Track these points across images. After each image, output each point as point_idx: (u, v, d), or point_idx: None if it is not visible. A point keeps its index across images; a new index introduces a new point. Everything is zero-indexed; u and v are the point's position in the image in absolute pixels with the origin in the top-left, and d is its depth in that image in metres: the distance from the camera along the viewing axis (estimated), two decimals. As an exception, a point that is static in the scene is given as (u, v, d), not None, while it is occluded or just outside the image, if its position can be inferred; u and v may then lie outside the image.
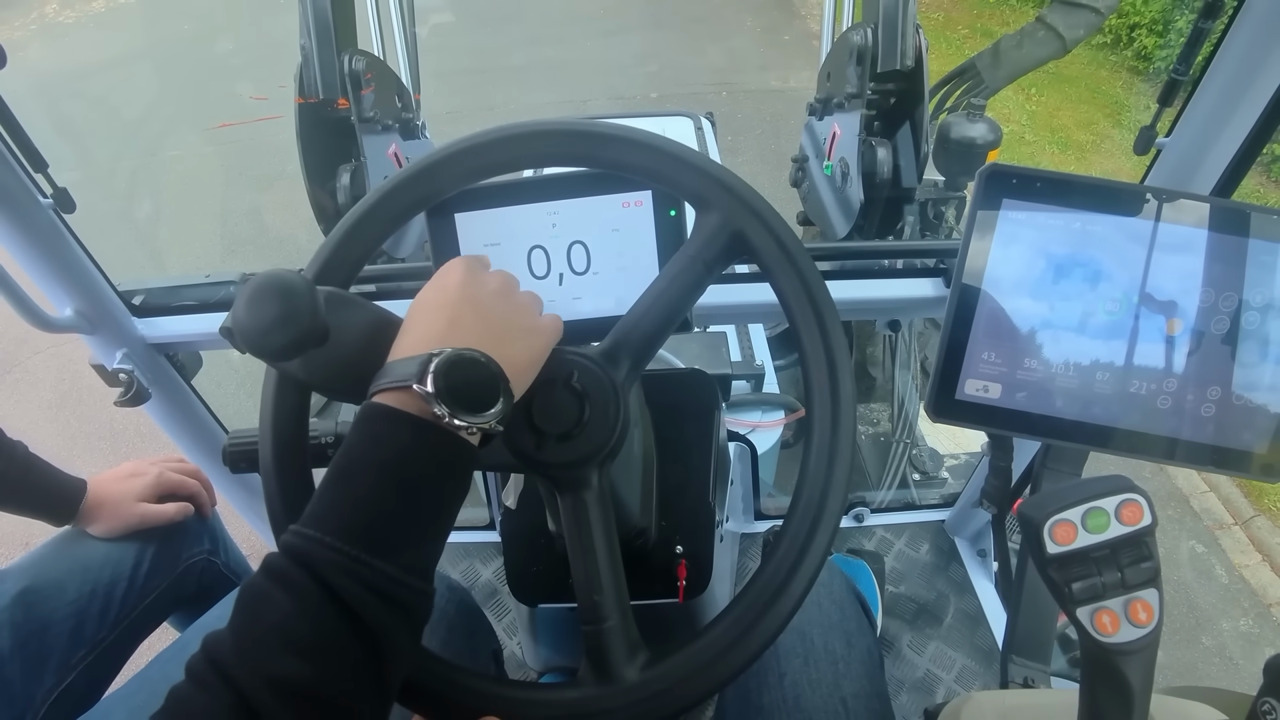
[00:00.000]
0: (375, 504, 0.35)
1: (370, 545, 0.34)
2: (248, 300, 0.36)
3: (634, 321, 0.46)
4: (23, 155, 0.67)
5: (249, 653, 0.32)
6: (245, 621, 0.33)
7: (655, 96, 4.18)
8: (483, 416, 0.36)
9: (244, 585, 0.34)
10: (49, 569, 0.73)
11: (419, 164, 0.49)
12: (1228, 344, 0.60)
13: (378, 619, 0.33)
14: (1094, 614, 0.42)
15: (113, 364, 0.79)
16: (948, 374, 0.63)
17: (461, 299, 0.40)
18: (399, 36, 1.78)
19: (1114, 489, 0.42)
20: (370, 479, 0.35)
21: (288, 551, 0.34)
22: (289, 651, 0.31)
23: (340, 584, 0.32)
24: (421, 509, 0.36)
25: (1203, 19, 0.66)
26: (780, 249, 0.45)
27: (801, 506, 0.43)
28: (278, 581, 0.33)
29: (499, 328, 0.40)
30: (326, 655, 0.32)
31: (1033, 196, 0.61)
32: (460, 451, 0.37)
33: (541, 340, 0.42)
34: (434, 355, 0.36)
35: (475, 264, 0.43)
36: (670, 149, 0.47)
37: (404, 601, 0.34)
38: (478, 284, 0.42)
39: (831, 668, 0.63)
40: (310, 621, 0.32)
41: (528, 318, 0.42)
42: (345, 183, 1.49)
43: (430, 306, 0.41)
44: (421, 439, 0.36)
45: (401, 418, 0.36)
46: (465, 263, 0.43)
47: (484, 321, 0.40)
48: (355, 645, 0.33)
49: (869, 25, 1.52)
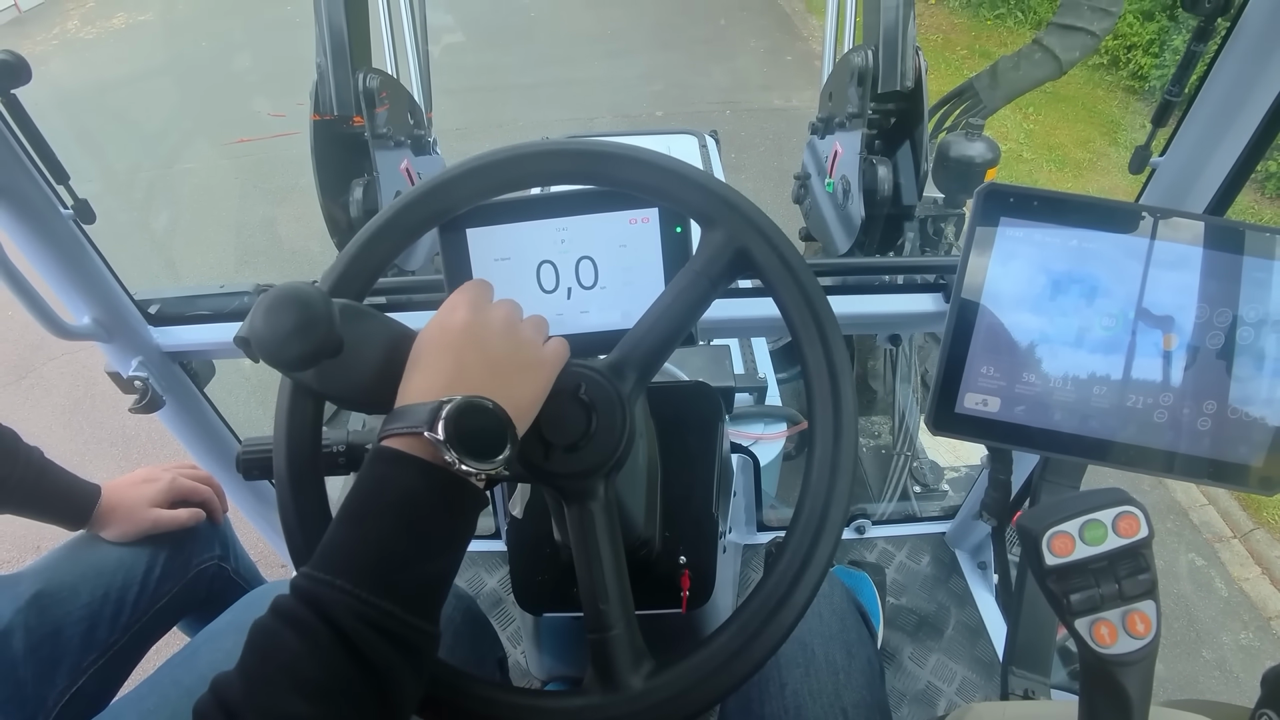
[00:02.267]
0: (384, 545, 0.36)
1: (378, 587, 0.34)
2: (265, 311, 0.37)
3: (640, 335, 0.47)
4: (45, 167, 0.69)
5: (258, 695, 0.32)
6: (255, 662, 0.34)
7: (660, 115, 4.24)
8: (490, 463, 0.37)
9: (254, 626, 0.35)
10: (62, 573, 0.74)
11: (432, 181, 0.50)
12: (1223, 359, 0.61)
13: (384, 659, 0.34)
14: (1092, 625, 0.42)
15: (128, 372, 0.81)
16: (947, 388, 0.64)
17: (466, 340, 0.41)
18: (412, 55, 1.82)
19: (1111, 501, 0.43)
20: (380, 521, 0.36)
21: (298, 593, 0.35)
22: (298, 693, 0.32)
23: (348, 625, 0.33)
24: (429, 551, 0.37)
25: (1195, 42, 0.68)
26: (783, 265, 0.46)
27: (804, 518, 0.43)
28: (287, 622, 0.34)
29: (503, 369, 0.41)
30: (334, 697, 0.33)
31: (1030, 214, 0.62)
32: (468, 495, 0.38)
33: (544, 375, 0.43)
34: (445, 403, 0.37)
35: (479, 299, 0.44)
36: (676, 168, 0.48)
37: (409, 642, 0.35)
38: (482, 323, 0.42)
39: (832, 678, 0.63)
40: (319, 663, 0.33)
41: (531, 352, 0.43)
42: (358, 197, 1.52)
43: (437, 347, 0.42)
44: (431, 483, 0.37)
45: (412, 462, 0.37)
46: (469, 299, 0.44)
47: (489, 364, 0.41)
48: (362, 686, 0.33)
49: (870, 47, 1.55)
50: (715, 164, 2.11)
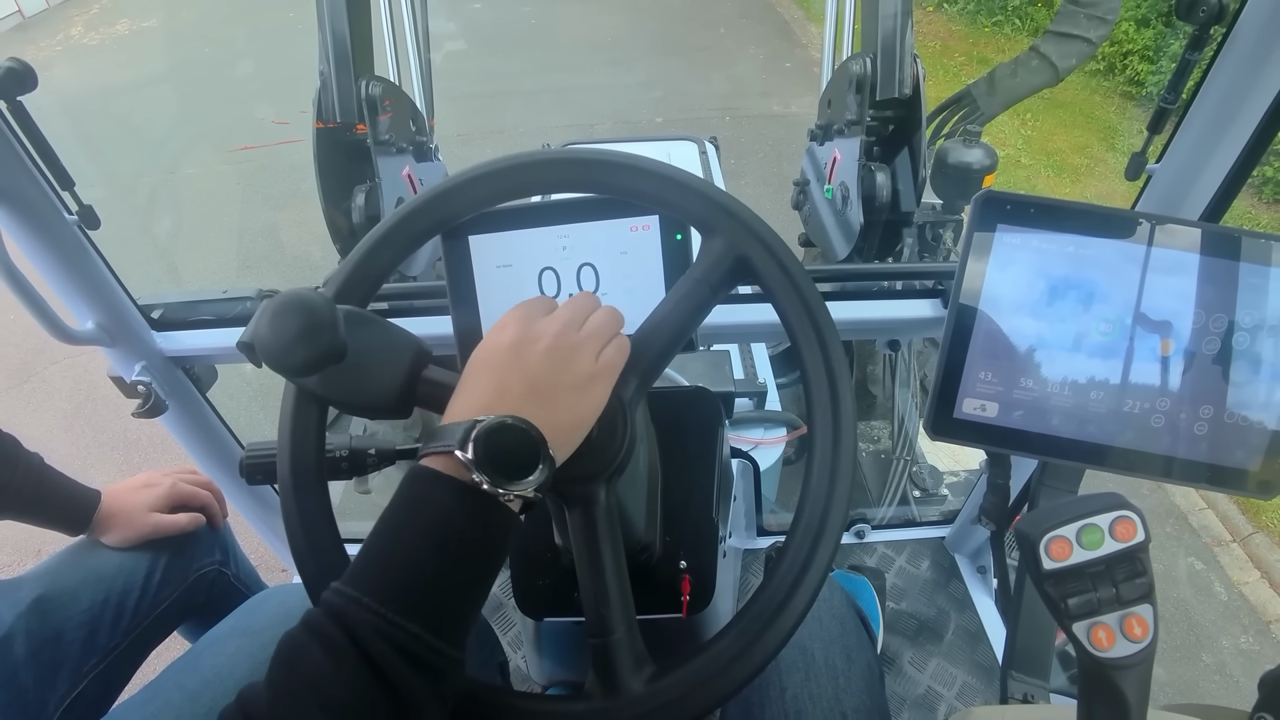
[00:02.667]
0: (414, 567, 0.36)
1: (404, 608, 0.34)
2: (271, 318, 0.38)
3: (641, 341, 0.47)
4: (51, 173, 0.70)
5: (282, 709, 0.32)
6: (281, 676, 0.34)
7: (660, 121, 4.26)
8: (520, 484, 0.37)
9: (284, 638, 0.35)
10: (63, 577, 0.74)
11: (435, 189, 0.50)
12: (1219, 364, 0.61)
13: (406, 683, 0.34)
14: (1090, 629, 0.43)
15: (131, 376, 0.81)
16: (946, 393, 0.64)
17: (510, 362, 0.41)
18: (414, 63, 1.83)
19: (1108, 506, 0.43)
20: (411, 540, 0.36)
21: (327, 609, 0.35)
22: (322, 710, 0.32)
23: (373, 646, 0.33)
24: (459, 573, 0.37)
25: (1190, 50, 0.68)
26: (783, 272, 0.46)
27: (804, 523, 0.44)
28: (316, 637, 0.34)
29: (545, 389, 0.41)
30: (358, 716, 0.33)
31: (1027, 221, 0.63)
32: (499, 517, 0.38)
33: (593, 393, 0.42)
34: (477, 422, 0.37)
35: (529, 317, 0.44)
36: (677, 176, 0.49)
37: (433, 666, 0.35)
38: (528, 342, 0.42)
39: (832, 682, 0.64)
40: (343, 682, 0.33)
41: (579, 369, 0.42)
42: (360, 203, 1.53)
43: (482, 369, 0.42)
44: (462, 503, 0.37)
45: (445, 481, 0.37)
46: (519, 317, 0.43)
47: (530, 384, 0.40)
48: (384, 707, 0.33)
49: (868, 55, 1.56)
50: (715, 170, 2.12)
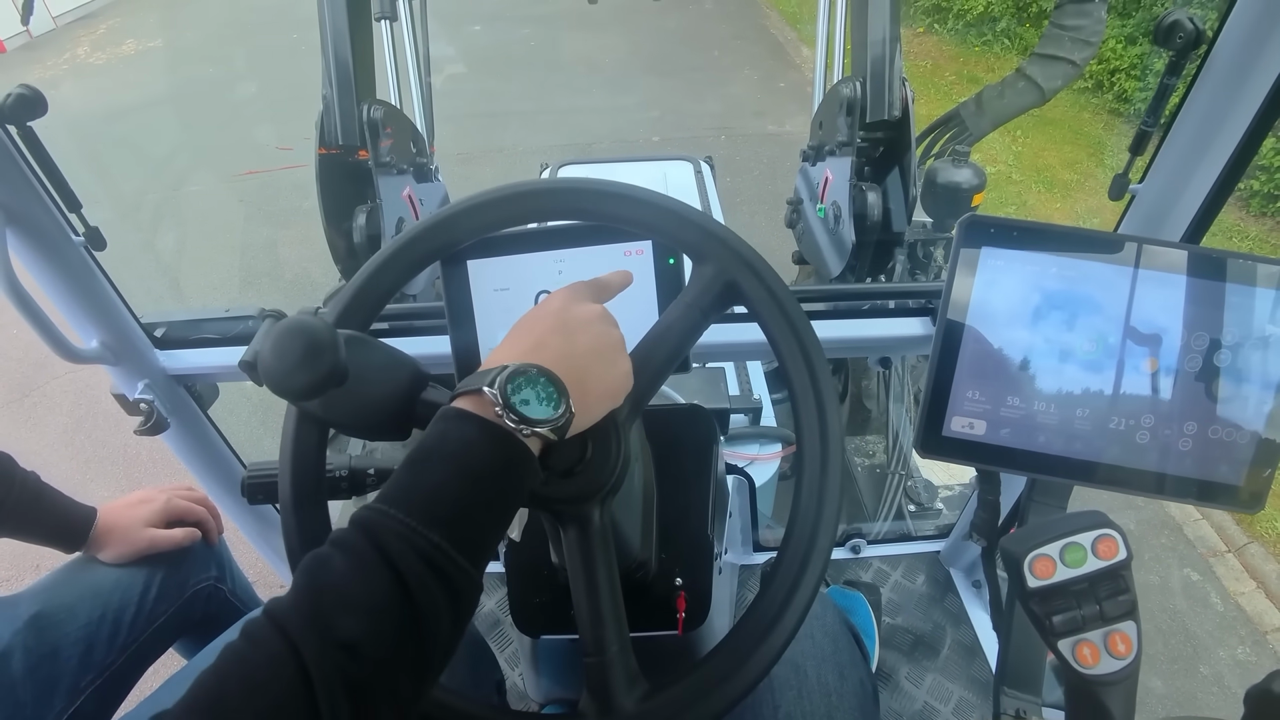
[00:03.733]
0: (439, 489, 0.38)
1: (430, 520, 0.36)
2: (274, 343, 0.39)
3: (636, 363, 0.48)
4: (59, 196, 0.71)
5: (307, 611, 0.33)
6: (304, 583, 0.35)
7: (657, 140, 4.31)
8: (539, 422, 0.40)
9: (309, 555, 0.36)
10: (60, 594, 0.74)
11: (436, 217, 0.52)
12: (1201, 381, 0.63)
13: (426, 592, 0.35)
14: (1075, 646, 0.43)
15: (134, 394, 0.82)
16: (934, 411, 0.65)
17: (553, 323, 0.45)
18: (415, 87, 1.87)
19: (1090, 525, 0.44)
20: (439, 467, 0.38)
21: (354, 522, 0.37)
22: (346, 611, 0.33)
23: (395, 549, 0.35)
24: (480, 497, 0.38)
25: (1168, 75, 0.71)
26: (770, 297, 0.48)
27: (793, 543, 0.44)
28: (339, 547, 0.36)
29: (579, 352, 0.44)
30: (376, 617, 0.34)
31: (1011, 244, 0.64)
32: (519, 452, 0.40)
33: (620, 370, 0.46)
34: (506, 367, 0.40)
35: (578, 293, 0.48)
36: (669, 206, 0.50)
37: (452, 580, 0.36)
38: (572, 312, 0.46)
39: (824, 700, 0.64)
40: (365, 582, 0.34)
41: (611, 350, 0.46)
42: (361, 223, 1.55)
43: (525, 327, 0.46)
44: (485, 436, 0.39)
45: (470, 417, 0.39)
46: (568, 292, 0.48)
47: (566, 345, 0.44)
48: (402, 615, 0.34)
49: (858, 79, 1.59)
50: (710, 189, 2.15)
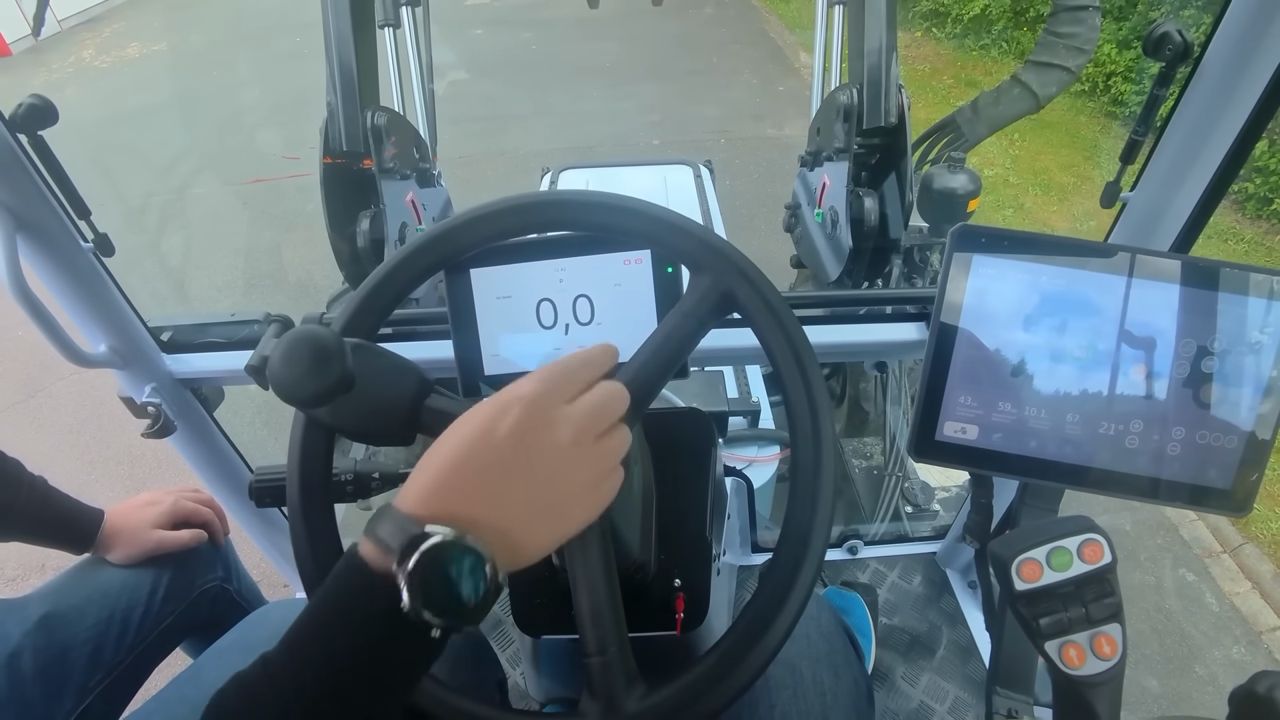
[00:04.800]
0: (329, 659, 0.34)
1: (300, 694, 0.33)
2: (283, 354, 0.40)
3: (633, 371, 0.49)
4: (69, 203, 0.73)
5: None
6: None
7: (657, 143, 4.33)
8: (448, 619, 0.34)
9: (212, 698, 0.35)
10: (69, 595, 0.76)
11: (440, 228, 0.53)
12: (1190, 387, 0.64)
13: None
14: (1061, 648, 0.45)
15: (141, 398, 0.83)
16: (927, 416, 0.67)
17: (504, 457, 0.36)
18: (418, 93, 1.88)
19: (1076, 529, 0.45)
20: (333, 628, 0.35)
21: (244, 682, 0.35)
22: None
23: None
24: (361, 677, 0.34)
25: (1158, 86, 0.72)
26: (765, 306, 0.49)
27: (787, 546, 0.46)
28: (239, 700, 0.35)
29: (525, 507, 0.36)
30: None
31: (1003, 252, 0.66)
32: (417, 639, 0.34)
33: (584, 508, 0.38)
34: (427, 538, 0.33)
35: (547, 398, 0.38)
36: (666, 217, 0.51)
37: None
38: (534, 434, 0.37)
39: (820, 699, 0.65)
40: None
41: (574, 490, 0.38)
42: (364, 228, 1.57)
43: (464, 450, 0.37)
44: (385, 622, 0.34)
45: (375, 585, 0.34)
46: (533, 398, 0.38)
47: (515, 490, 0.36)
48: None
49: (855, 86, 1.61)
50: (710, 193, 2.16)
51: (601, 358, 0.43)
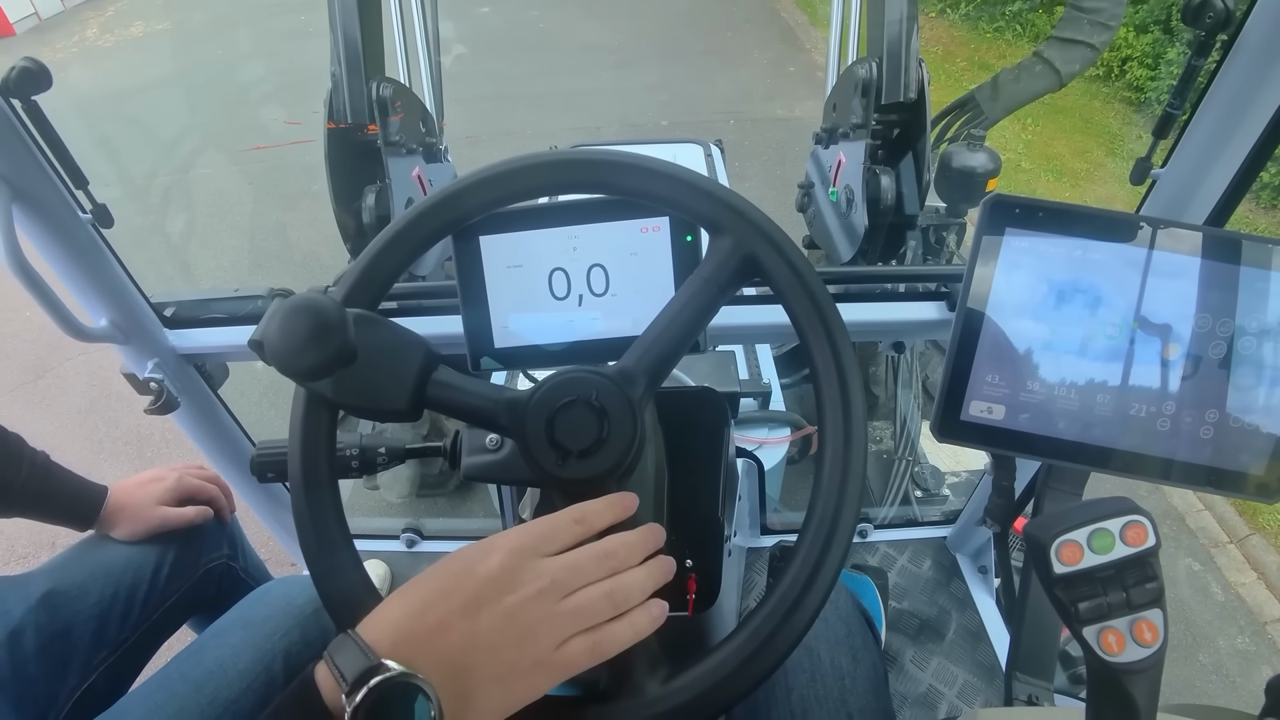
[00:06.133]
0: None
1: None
2: (281, 323, 0.38)
3: (650, 341, 0.47)
4: (65, 172, 0.70)
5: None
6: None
7: (666, 124, 4.27)
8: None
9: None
10: (72, 572, 0.75)
11: (444, 191, 0.50)
12: (1224, 368, 0.62)
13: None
14: (1100, 634, 0.43)
15: (144, 373, 0.82)
16: (953, 396, 0.65)
17: (475, 600, 0.35)
18: (424, 66, 1.85)
19: (1119, 511, 0.43)
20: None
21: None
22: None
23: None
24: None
25: (1195, 57, 0.69)
26: (791, 271, 0.47)
27: (816, 521, 0.44)
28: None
29: (488, 662, 0.35)
30: None
31: (1034, 225, 0.63)
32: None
33: (515, 693, 0.36)
34: (380, 671, 0.33)
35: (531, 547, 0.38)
36: (683, 176, 0.49)
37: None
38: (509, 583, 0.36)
39: (838, 683, 0.64)
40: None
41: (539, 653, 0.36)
42: (370, 203, 1.54)
43: (442, 588, 0.36)
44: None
45: (321, 714, 0.34)
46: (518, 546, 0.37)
47: (475, 643, 0.35)
48: None
49: (873, 59, 1.57)
50: (720, 173, 2.13)
51: (595, 519, 0.41)
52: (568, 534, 0.40)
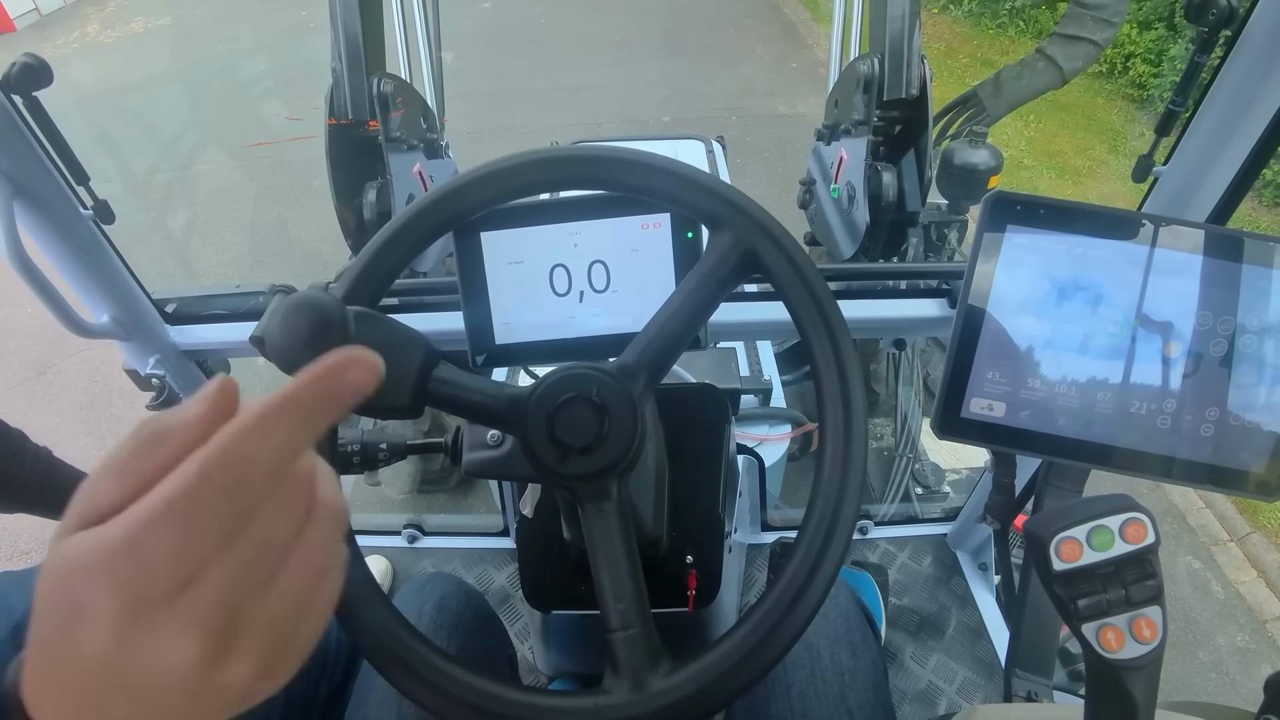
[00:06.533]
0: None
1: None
2: (282, 319, 0.38)
3: (650, 337, 0.47)
4: (66, 168, 0.70)
5: None
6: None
7: (667, 120, 4.26)
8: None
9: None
10: None
11: (446, 187, 0.50)
12: (1225, 366, 0.62)
13: None
14: (1099, 630, 0.43)
15: (145, 369, 0.82)
16: (953, 393, 0.65)
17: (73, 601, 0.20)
18: (425, 61, 1.84)
19: (1118, 508, 0.43)
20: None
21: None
22: None
23: None
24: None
25: (1198, 54, 0.69)
26: (791, 266, 0.47)
27: (816, 516, 0.44)
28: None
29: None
30: None
31: (1036, 222, 0.63)
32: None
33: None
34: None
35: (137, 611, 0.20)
36: (683, 171, 0.49)
37: None
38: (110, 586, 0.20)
39: (838, 679, 0.64)
40: None
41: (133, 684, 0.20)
42: (371, 199, 1.54)
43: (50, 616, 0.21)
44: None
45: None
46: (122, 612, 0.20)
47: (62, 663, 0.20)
48: None
49: (875, 55, 1.56)
50: (721, 169, 2.13)
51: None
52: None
